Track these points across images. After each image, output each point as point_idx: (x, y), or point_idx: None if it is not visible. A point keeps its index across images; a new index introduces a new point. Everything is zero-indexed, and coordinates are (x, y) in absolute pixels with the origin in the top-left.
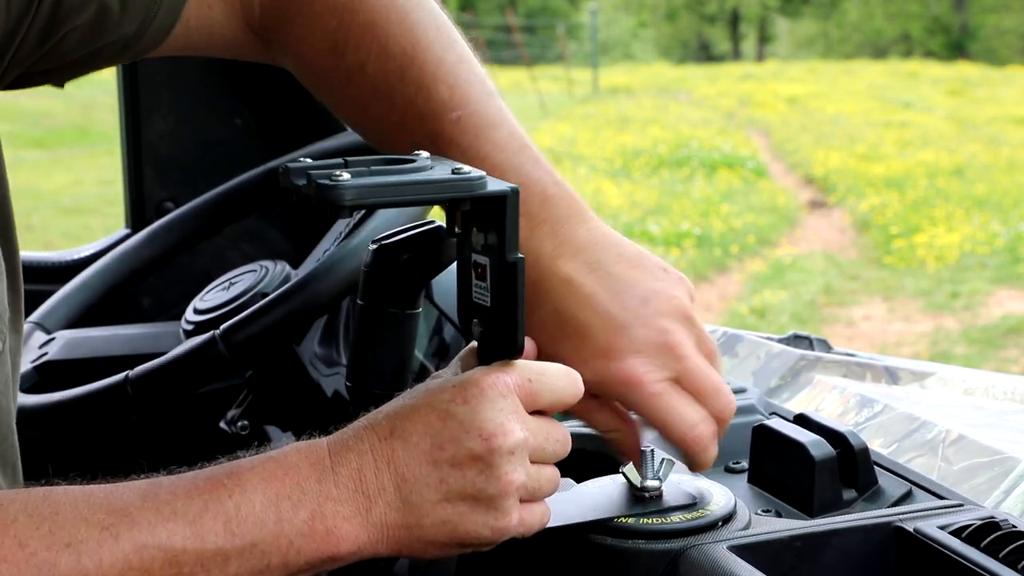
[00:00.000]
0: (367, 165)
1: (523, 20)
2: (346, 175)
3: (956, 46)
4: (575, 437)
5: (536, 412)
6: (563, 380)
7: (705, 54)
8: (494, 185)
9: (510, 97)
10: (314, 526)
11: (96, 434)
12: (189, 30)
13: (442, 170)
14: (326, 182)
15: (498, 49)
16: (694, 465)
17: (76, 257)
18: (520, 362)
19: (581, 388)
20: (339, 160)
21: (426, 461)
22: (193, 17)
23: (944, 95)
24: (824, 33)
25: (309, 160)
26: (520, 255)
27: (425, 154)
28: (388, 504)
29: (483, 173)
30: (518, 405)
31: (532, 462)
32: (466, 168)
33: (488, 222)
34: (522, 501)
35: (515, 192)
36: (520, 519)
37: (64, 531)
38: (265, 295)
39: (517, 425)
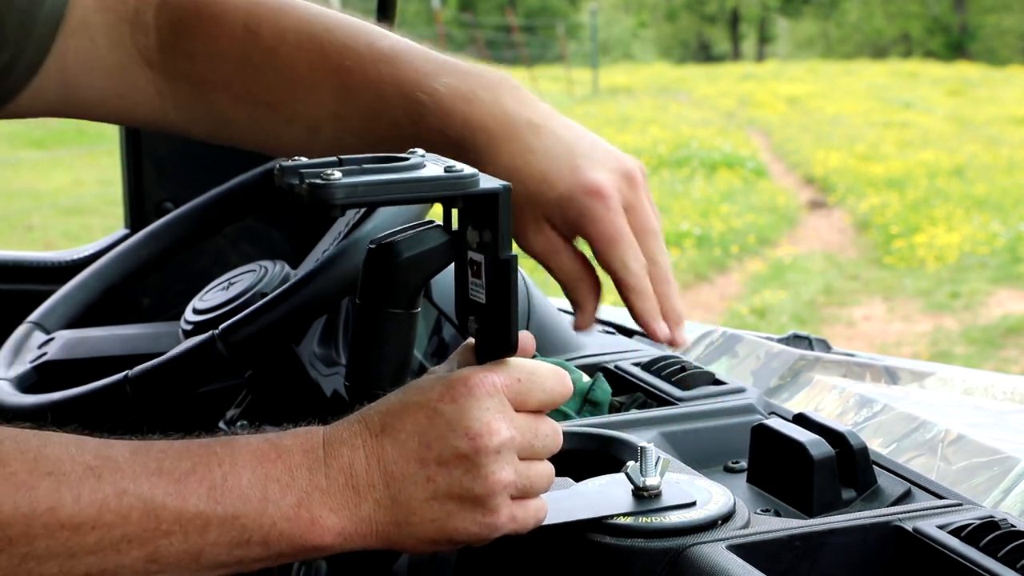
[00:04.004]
0: (359, 163)
1: (523, 20)
2: (338, 174)
3: (956, 46)
4: (575, 436)
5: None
6: (552, 380)
7: (705, 54)
8: (486, 183)
9: None
10: (300, 513)
11: (95, 434)
12: (66, 69)
13: (434, 168)
14: (317, 181)
15: (498, 49)
16: (634, 309)
17: (76, 257)
18: (511, 361)
19: (570, 388)
20: (333, 159)
21: (414, 459)
22: (71, 50)
23: (944, 95)
24: (824, 33)
25: (303, 159)
26: (513, 253)
27: (420, 152)
28: (377, 501)
29: (476, 171)
30: (505, 404)
31: (522, 459)
32: (459, 166)
33: (482, 220)
34: (514, 498)
35: (507, 189)
36: (511, 516)
37: (48, 462)
38: (264, 295)
39: (503, 424)
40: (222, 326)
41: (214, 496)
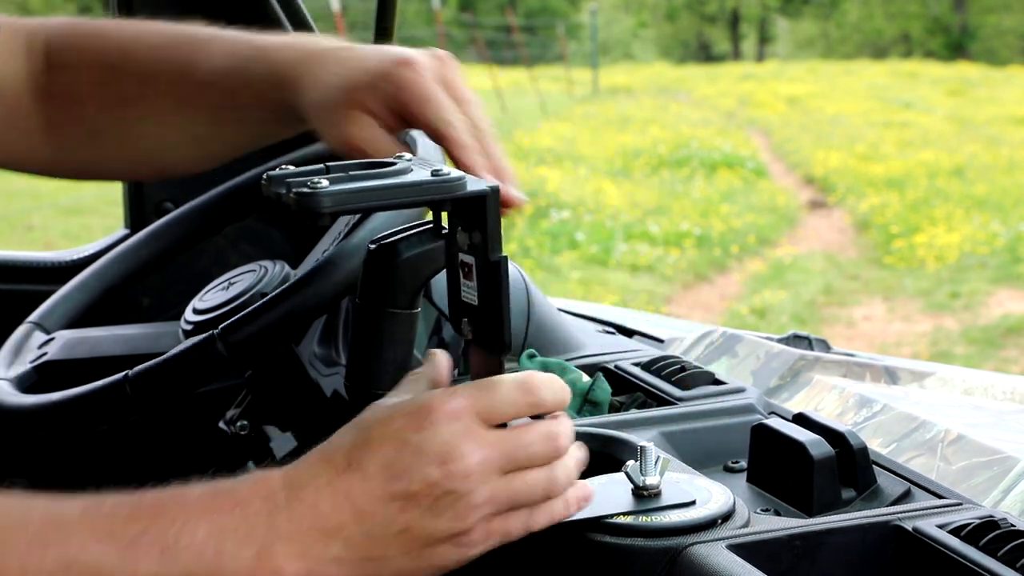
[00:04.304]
0: (346, 170)
1: (523, 20)
2: (324, 182)
3: (956, 46)
4: (575, 437)
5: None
6: (515, 392)
7: (705, 54)
8: (474, 185)
9: (510, 97)
10: (260, 564)
11: (95, 434)
12: None
13: (421, 172)
14: (304, 190)
15: (498, 49)
16: (462, 164)
17: (76, 257)
18: (472, 383)
19: (536, 398)
20: (320, 166)
21: (384, 493)
22: None
23: (944, 95)
24: (824, 33)
25: (291, 167)
26: (503, 254)
27: (407, 156)
28: (347, 540)
29: (462, 174)
30: (472, 425)
31: (507, 473)
32: (446, 169)
33: (471, 222)
34: (496, 515)
35: (495, 191)
36: (489, 532)
37: None
38: (264, 295)
39: (473, 446)
40: (222, 326)
41: (167, 557)
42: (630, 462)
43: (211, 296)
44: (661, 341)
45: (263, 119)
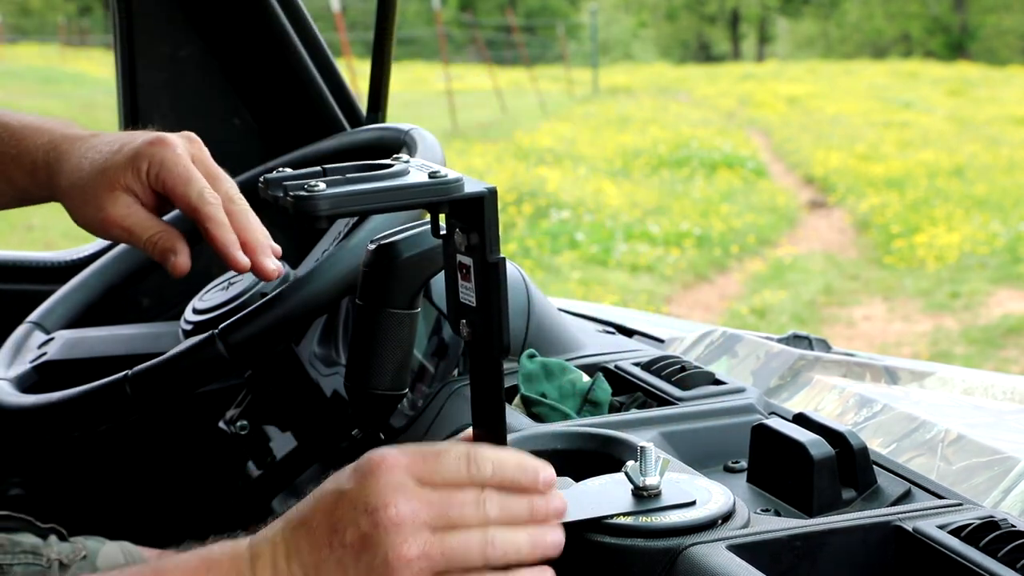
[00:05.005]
0: (343, 173)
1: (523, 20)
2: (322, 185)
3: (956, 46)
4: (575, 436)
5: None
6: (458, 461)
7: (705, 54)
8: (471, 187)
9: (510, 97)
10: None
11: (95, 434)
12: None
13: (418, 175)
14: (302, 193)
15: (498, 49)
16: (215, 241)
17: (76, 257)
18: (419, 445)
19: (479, 468)
20: (317, 169)
21: (325, 544)
22: None
23: (944, 95)
24: (824, 33)
25: (288, 170)
26: (501, 256)
27: (405, 157)
28: None
29: (460, 176)
30: (407, 479)
31: (437, 531)
32: (443, 171)
33: (469, 223)
34: (440, 573)
35: (492, 193)
36: None
37: None
38: (264, 295)
39: (402, 498)
40: (222, 326)
41: None
42: (630, 462)
43: (211, 296)
44: (661, 341)
45: (3, 193)
